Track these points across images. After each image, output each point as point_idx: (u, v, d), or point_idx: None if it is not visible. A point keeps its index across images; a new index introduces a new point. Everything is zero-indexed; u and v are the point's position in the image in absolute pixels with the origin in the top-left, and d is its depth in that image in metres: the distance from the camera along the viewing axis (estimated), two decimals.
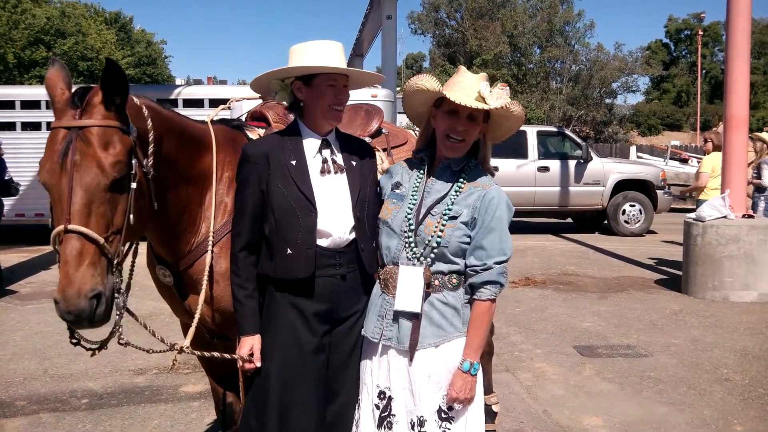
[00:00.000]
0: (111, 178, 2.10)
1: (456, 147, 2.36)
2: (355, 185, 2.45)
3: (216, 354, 2.48)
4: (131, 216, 2.16)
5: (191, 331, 2.53)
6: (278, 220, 2.36)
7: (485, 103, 2.27)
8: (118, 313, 2.17)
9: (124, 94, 2.17)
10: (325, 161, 2.45)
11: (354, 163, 2.49)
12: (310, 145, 2.46)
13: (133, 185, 2.17)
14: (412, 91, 2.41)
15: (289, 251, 2.35)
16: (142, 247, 2.68)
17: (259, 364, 2.39)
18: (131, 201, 2.17)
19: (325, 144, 2.47)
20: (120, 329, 2.21)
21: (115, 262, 2.13)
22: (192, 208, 2.59)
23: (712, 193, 8.80)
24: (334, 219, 2.40)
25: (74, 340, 2.16)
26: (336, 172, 2.45)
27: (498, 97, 2.28)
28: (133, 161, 2.17)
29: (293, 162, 2.41)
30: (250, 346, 2.39)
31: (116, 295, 2.13)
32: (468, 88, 2.30)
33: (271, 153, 2.40)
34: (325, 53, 2.41)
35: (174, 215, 2.54)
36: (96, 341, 2.19)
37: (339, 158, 2.48)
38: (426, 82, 2.36)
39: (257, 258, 2.43)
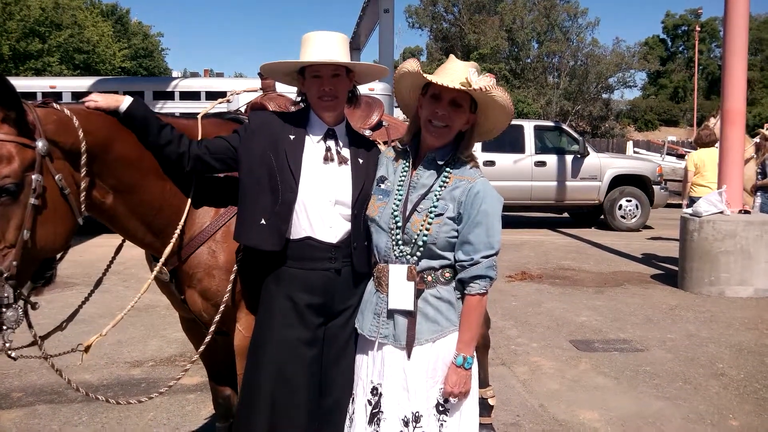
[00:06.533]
0: None
1: (438, 133, 2.31)
2: (359, 181, 2.44)
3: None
4: (26, 232, 2.08)
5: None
6: (260, 188, 2.37)
7: (470, 87, 2.21)
8: (8, 327, 2.09)
9: (17, 109, 2.08)
10: (328, 149, 2.44)
11: (361, 160, 2.48)
12: (316, 130, 2.47)
13: (33, 201, 2.09)
14: (399, 76, 2.38)
15: (263, 222, 2.35)
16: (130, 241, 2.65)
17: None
18: (27, 216, 2.08)
19: (330, 133, 2.47)
20: (8, 344, 2.12)
21: (5, 275, 2.06)
22: (172, 203, 2.52)
23: (700, 190, 8.81)
24: (332, 211, 2.40)
25: None
26: (340, 163, 2.44)
27: (481, 82, 2.23)
28: (35, 176, 2.09)
29: (291, 137, 2.42)
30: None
31: (3, 309, 2.06)
32: (455, 73, 2.25)
33: (272, 122, 2.45)
34: (317, 45, 2.41)
35: (149, 212, 2.49)
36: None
37: (345, 151, 2.47)
38: (409, 65, 2.33)
39: (187, 153, 2.43)
